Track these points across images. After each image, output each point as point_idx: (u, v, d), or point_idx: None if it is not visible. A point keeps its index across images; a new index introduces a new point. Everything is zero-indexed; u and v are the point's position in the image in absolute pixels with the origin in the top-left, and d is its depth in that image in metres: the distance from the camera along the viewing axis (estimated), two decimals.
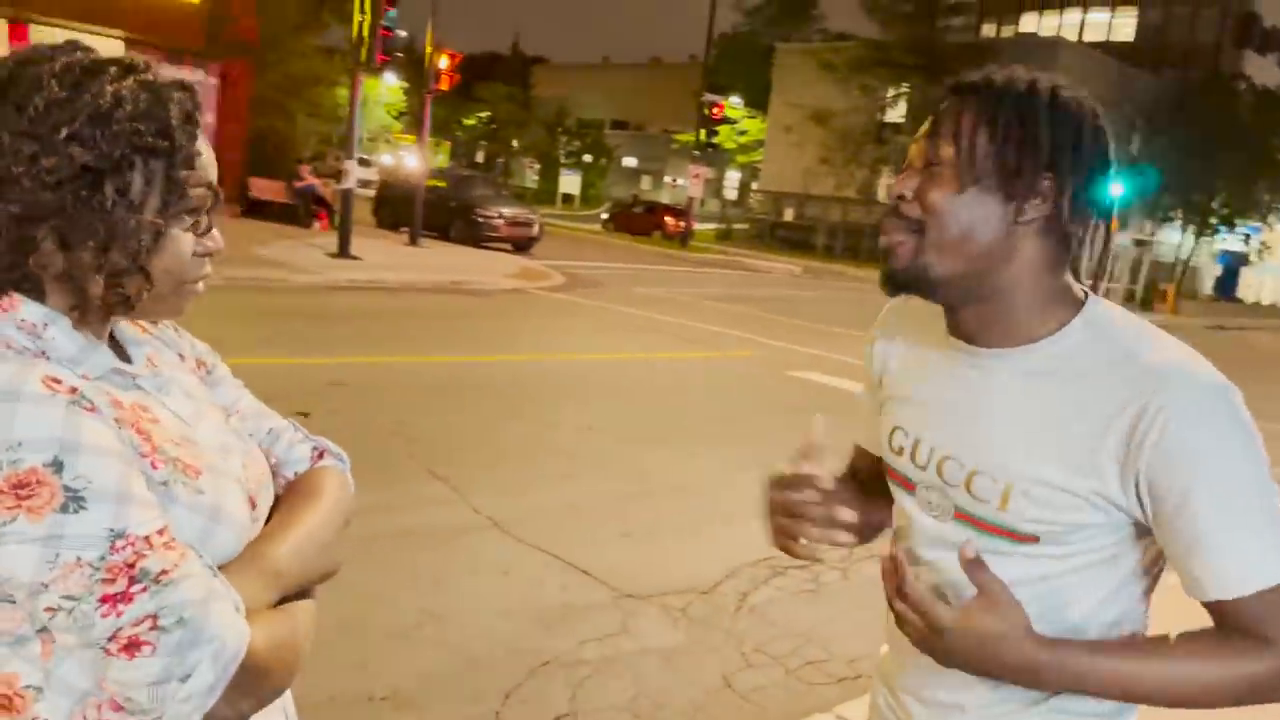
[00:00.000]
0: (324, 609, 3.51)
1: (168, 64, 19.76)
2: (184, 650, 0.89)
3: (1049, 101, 1.17)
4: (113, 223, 0.96)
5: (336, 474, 1.24)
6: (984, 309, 1.22)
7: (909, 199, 1.20)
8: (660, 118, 65.39)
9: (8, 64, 0.97)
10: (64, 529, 0.87)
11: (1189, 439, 1.10)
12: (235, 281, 12.16)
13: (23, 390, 0.89)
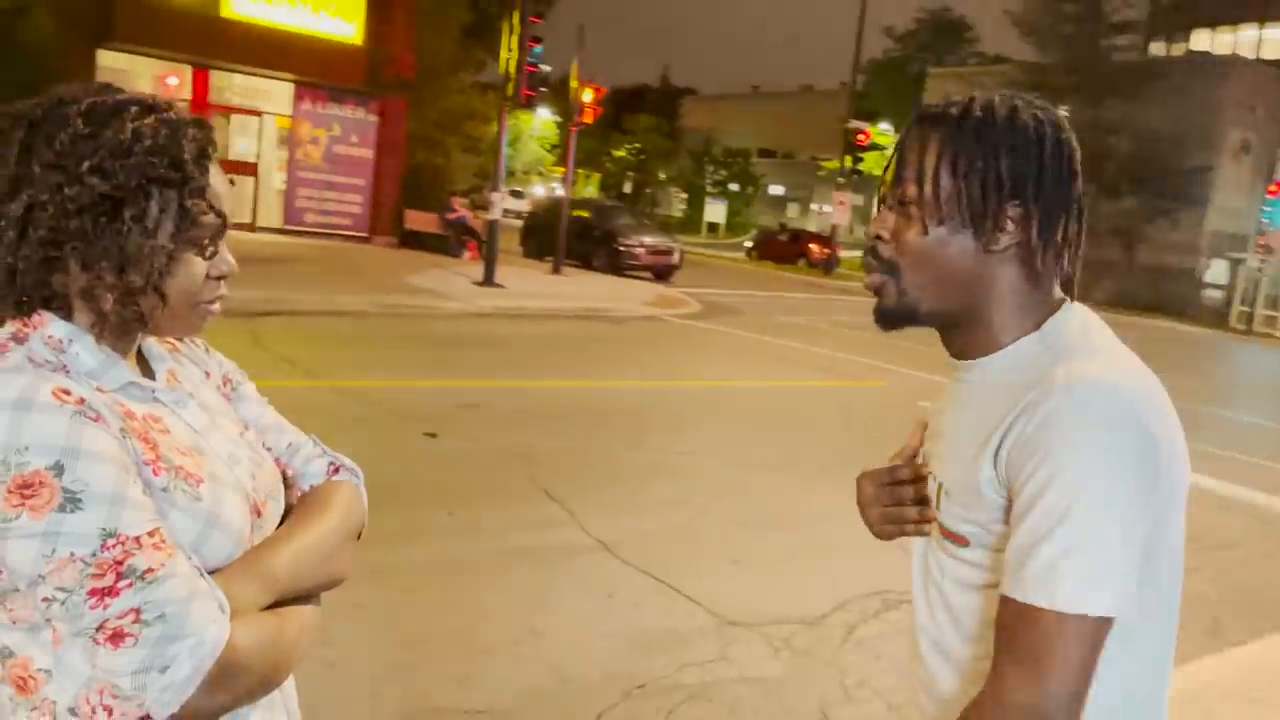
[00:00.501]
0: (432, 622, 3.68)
1: (333, 103, 20.97)
2: (164, 644, 0.97)
3: (1007, 125, 1.19)
4: (129, 246, 1.06)
5: (349, 488, 1.31)
6: (968, 329, 1.27)
7: (886, 239, 1.25)
8: (809, 145, 64.91)
9: (44, 103, 1.08)
10: (61, 527, 0.96)
11: (1051, 436, 1.10)
12: (385, 308, 12.76)
13: (34, 400, 0.98)
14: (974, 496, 1.20)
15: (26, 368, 1.03)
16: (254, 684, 1.07)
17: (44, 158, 1.04)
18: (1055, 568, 1.08)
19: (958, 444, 1.25)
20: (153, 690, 0.98)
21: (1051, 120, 1.21)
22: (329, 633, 3.88)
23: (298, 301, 12.09)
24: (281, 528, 1.21)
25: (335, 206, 21.76)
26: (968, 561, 1.24)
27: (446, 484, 5.85)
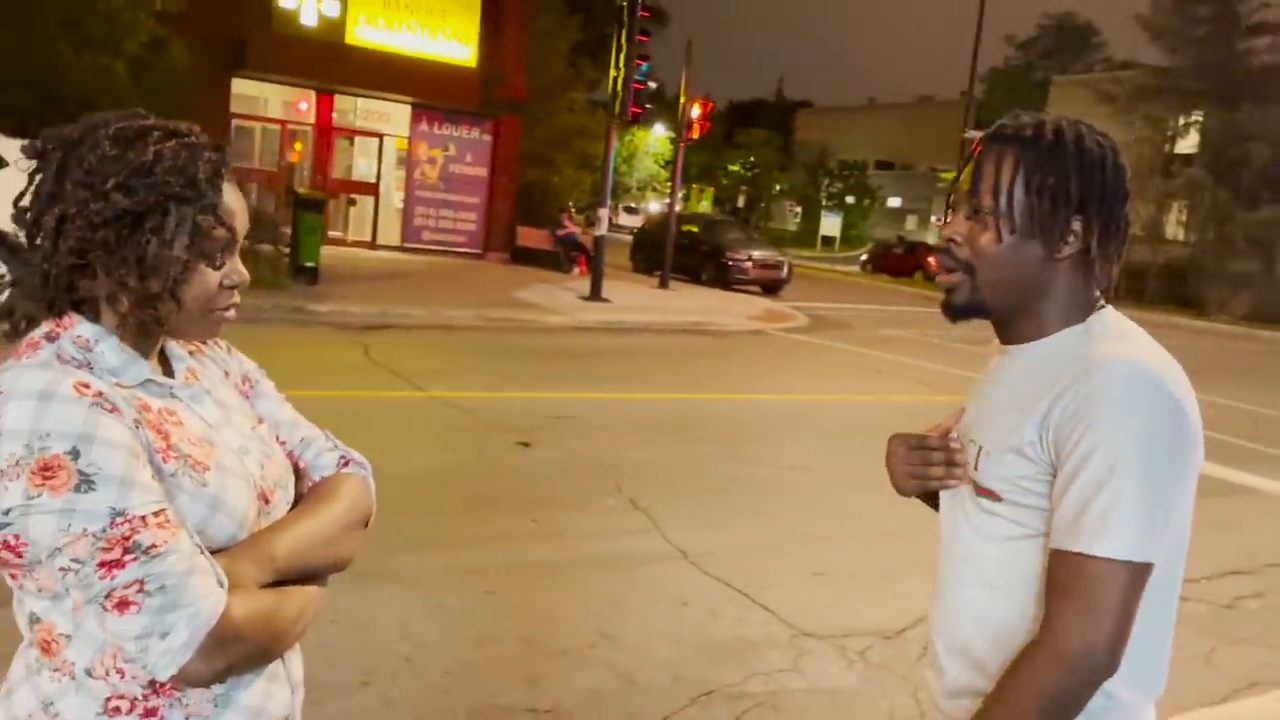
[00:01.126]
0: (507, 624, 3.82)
1: (448, 123, 21.63)
2: (164, 612, 1.09)
3: (1075, 149, 1.35)
4: (148, 257, 1.18)
5: (357, 480, 1.42)
6: (1023, 320, 1.43)
7: (960, 243, 1.42)
8: (927, 156, 63.66)
9: (81, 127, 1.21)
10: (76, 505, 1.07)
11: (1097, 404, 1.26)
12: (491, 322, 13.09)
13: (56, 392, 1.10)
14: (1013, 456, 1.35)
15: (53, 364, 1.15)
16: (250, 654, 1.17)
17: (75, 175, 1.17)
18: (1106, 520, 1.23)
19: (1000, 413, 1.41)
20: (153, 654, 1.09)
21: (1111, 146, 1.38)
22: (407, 628, 4.05)
23: (408, 316, 12.52)
24: (289, 514, 1.32)
25: (450, 224, 22.42)
26: (996, 514, 1.39)
27: (534, 492, 5.99)
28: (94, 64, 14.01)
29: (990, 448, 1.40)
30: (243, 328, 1.56)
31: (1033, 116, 1.40)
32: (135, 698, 1.16)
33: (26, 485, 1.06)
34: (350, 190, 21.62)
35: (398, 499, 5.65)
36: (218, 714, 1.21)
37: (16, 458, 1.07)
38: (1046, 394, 1.32)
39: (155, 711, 1.17)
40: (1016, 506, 1.36)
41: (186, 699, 1.18)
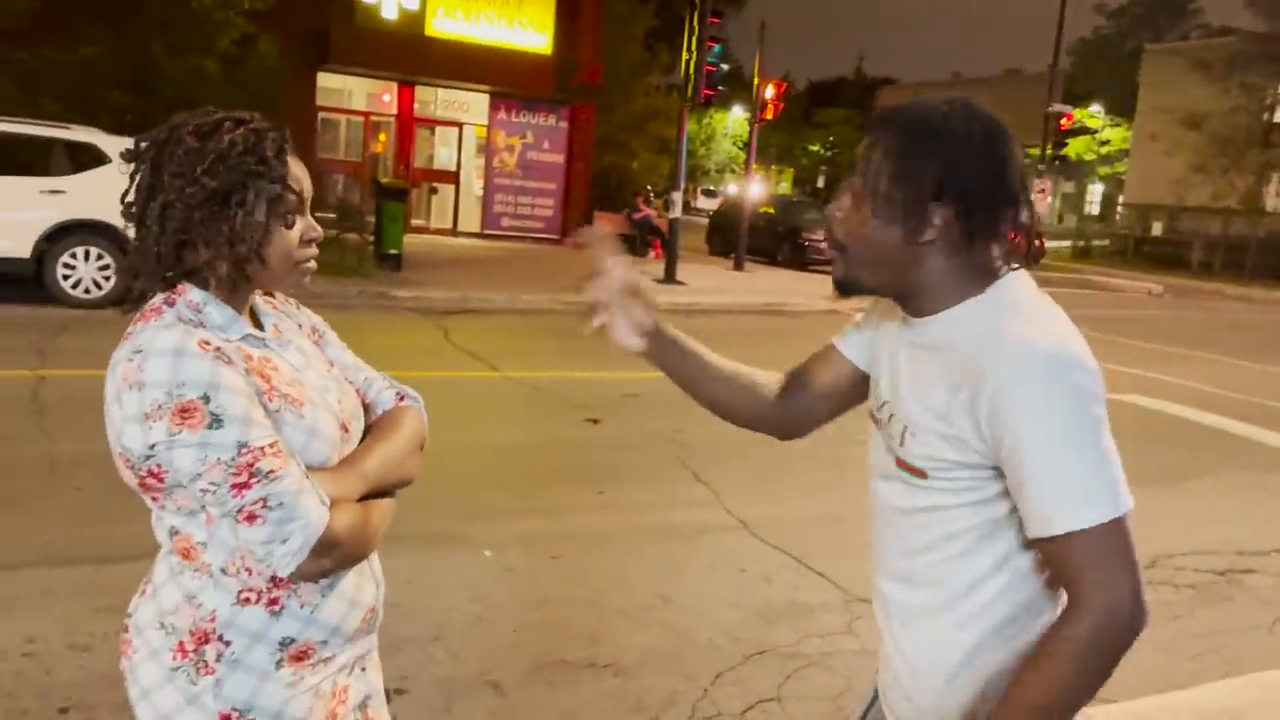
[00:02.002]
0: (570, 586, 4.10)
1: (525, 111, 21.93)
2: (283, 523, 1.35)
3: (939, 135, 1.36)
4: (236, 226, 1.42)
5: (413, 411, 1.68)
6: (912, 298, 1.47)
7: (839, 219, 1.46)
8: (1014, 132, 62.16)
9: (164, 129, 1.45)
10: (210, 439, 1.32)
11: (1013, 396, 1.29)
12: (567, 305, 13.34)
13: (186, 349, 1.34)
14: (942, 441, 1.38)
15: (176, 324, 1.38)
16: (346, 555, 1.45)
17: (169, 169, 1.40)
18: (1072, 497, 1.27)
19: (927, 393, 1.42)
20: (276, 556, 1.36)
21: (982, 128, 1.37)
22: (478, 589, 4.29)
23: (486, 300, 12.86)
24: (365, 441, 1.59)
25: (528, 210, 22.78)
26: (922, 488, 1.44)
27: (601, 465, 6.21)
28: (187, 63, 14.62)
29: (915, 429, 1.42)
30: (331, 313, 1.81)
31: (916, 101, 1.41)
32: (261, 590, 1.43)
33: (169, 424, 1.30)
34: (432, 179, 22.10)
35: (472, 472, 5.94)
36: (323, 602, 1.48)
37: (159, 403, 1.31)
38: (966, 381, 1.34)
39: (277, 600, 1.44)
40: (943, 481, 1.40)
41: (300, 590, 1.45)
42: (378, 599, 1.61)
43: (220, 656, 1.43)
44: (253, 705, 1.44)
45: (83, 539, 4.33)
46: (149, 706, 1.46)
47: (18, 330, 8.63)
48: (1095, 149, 45.26)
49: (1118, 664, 1.30)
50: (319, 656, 1.50)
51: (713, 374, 1.73)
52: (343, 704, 1.57)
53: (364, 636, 1.60)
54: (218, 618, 1.43)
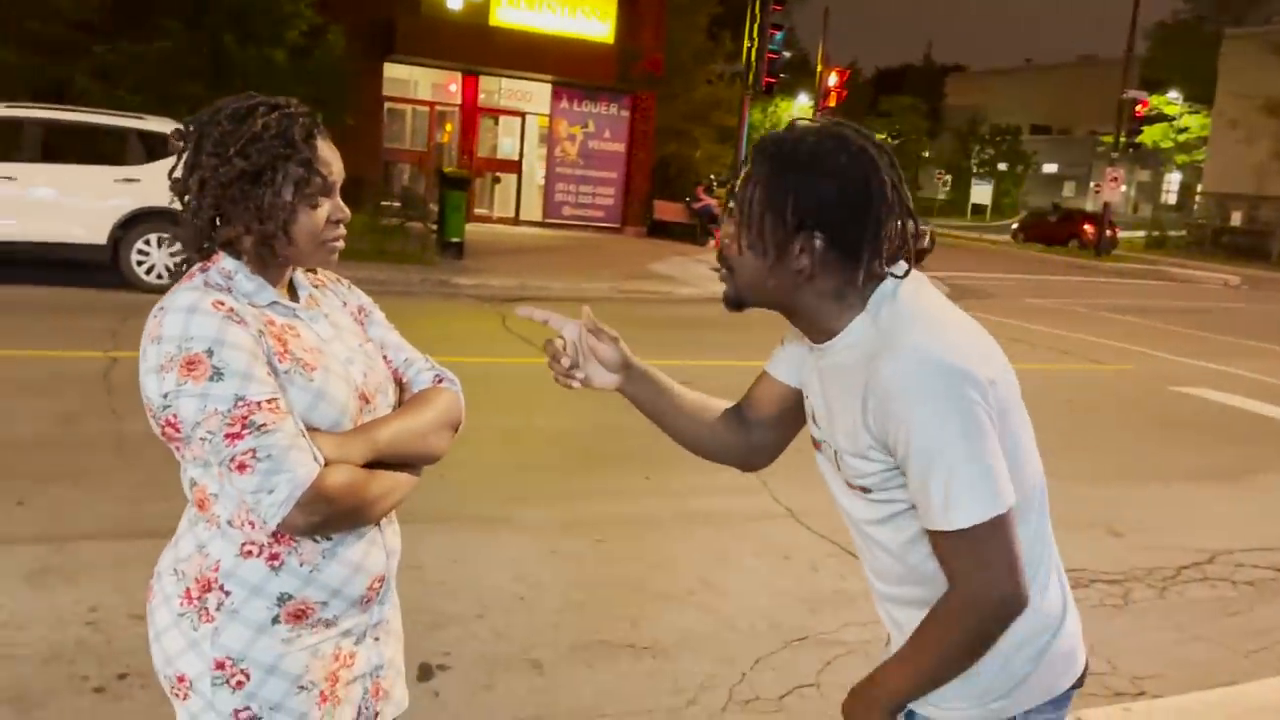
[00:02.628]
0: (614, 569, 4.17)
1: (587, 100, 22.01)
2: (270, 474, 1.42)
3: (803, 165, 1.40)
4: (263, 204, 1.50)
5: (448, 393, 1.73)
6: (799, 321, 1.54)
7: (728, 243, 1.51)
8: (1088, 119, 60.67)
9: (208, 110, 1.54)
10: (210, 391, 1.40)
11: (896, 404, 1.36)
12: (624, 293, 13.42)
13: (199, 307, 1.44)
14: (862, 459, 1.46)
15: (200, 287, 1.49)
16: (339, 514, 1.48)
17: (205, 148, 1.50)
18: (949, 497, 1.35)
19: (838, 417, 1.49)
20: (263, 505, 1.42)
21: (851, 153, 1.41)
22: (522, 570, 4.38)
23: (545, 289, 12.97)
24: (392, 413, 1.65)
25: (590, 199, 22.89)
26: (875, 502, 1.51)
27: (650, 451, 6.22)
28: (258, 54, 14.95)
29: (844, 453, 1.49)
30: (394, 299, 1.88)
31: (793, 131, 1.45)
32: (262, 544, 1.50)
33: (177, 375, 1.40)
34: (495, 168, 22.31)
35: (521, 456, 6.03)
36: (324, 564, 1.53)
37: (170, 355, 1.41)
38: (857, 397, 1.41)
39: (278, 556, 1.50)
40: (887, 491, 1.47)
41: (301, 549, 1.51)
42: (389, 568, 1.65)
43: (220, 605, 1.50)
44: (245, 655, 1.50)
45: (145, 514, 4.50)
46: (159, 649, 1.56)
47: (93, 313, 8.94)
48: (1172, 136, 44.00)
49: (986, 647, 1.42)
50: (318, 617, 1.55)
51: (679, 408, 1.79)
52: (347, 668, 1.61)
53: (375, 606, 1.65)
54: (221, 567, 1.50)
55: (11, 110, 10.38)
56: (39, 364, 7.16)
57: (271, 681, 1.52)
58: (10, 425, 5.67)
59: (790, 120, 1.51)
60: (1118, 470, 6.80)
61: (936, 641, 1.43)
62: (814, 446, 1.62)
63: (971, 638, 1.41)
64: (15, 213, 9.87)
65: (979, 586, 1.37)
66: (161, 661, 1.56)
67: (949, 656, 1.43)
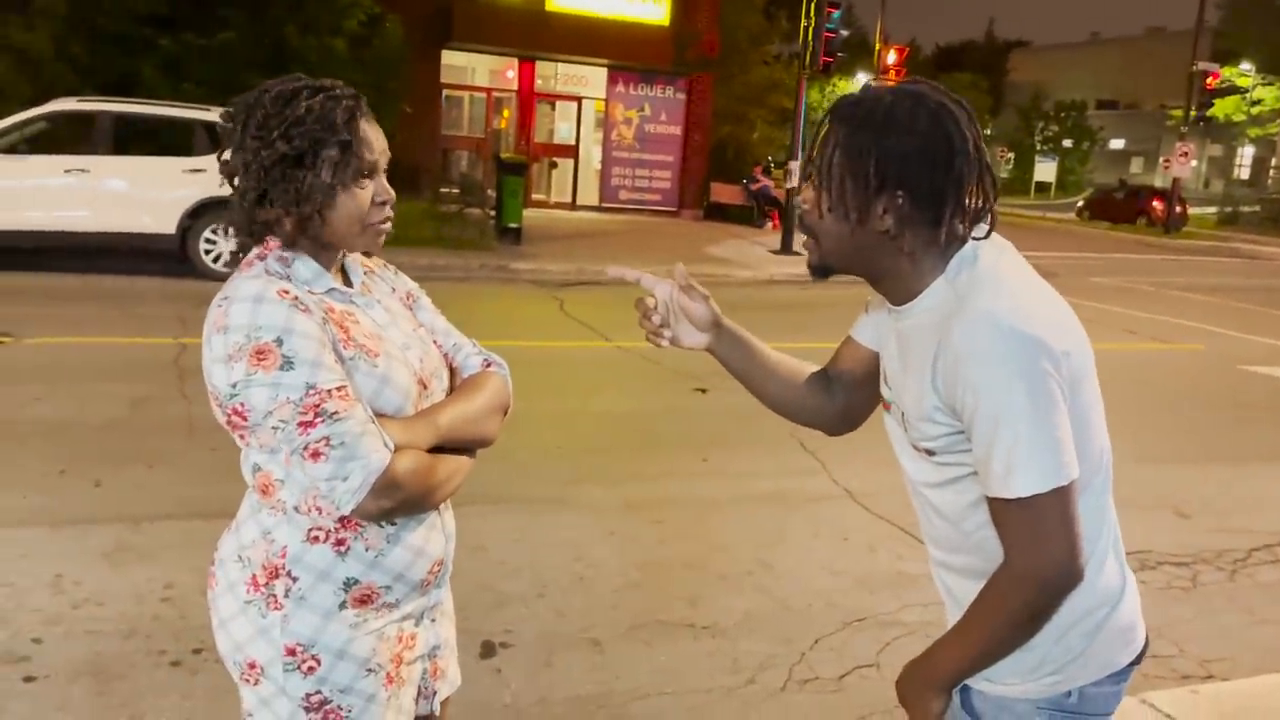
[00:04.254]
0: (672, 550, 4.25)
1: (643, 84, 21.96)
2: (344, 462, 1.43)
3: (883, 130, 1.40)
4: (303, 187, 1.50)
5: (498, 377, 1.74)
6: (882, 284, 1.53)
7: (808, 209, 1.51)
8: (1157, 93, 58.98)
9: (254, 92, 1.53)
10: (282, 380, 1.41)
11: (966, 366, 1.36)
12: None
13: (265, 296, 1.45)
14: (928, 422, 1.46)
15: (263, 275, 1.50)
16: (408, 499, 1.50)
17: (250, 130, 1.50)
18: (1011, 465, 1.34)
19: (908, 380, 1.49)
20: (338, 492, 1.44)
21: (929, 113, 1.40)
22: (582, 550, 4.43)
23: (602, 273, 12.92)
24: (448, 398, 1.66)
25: (646, 183, 22.87)
26: (938, 465, 1.50)
27: (708, 433, 6.27)
28: (318, 44, 15.16)
29: (911, 415, 1.49)
30: (453, 284, 1.91)
31: (868, 92, 1.46)
32: (329, 529, 1.52)
33: (247, 365, 1.41)
34: (551, 154, 22.39)
35: (580, 438, 6.08)
36: (389, 549, 1.56)
37: (239, 345, 1.41)
38: (929, 358, 1.41)
39: (344, 541, 1.52)
40: (952, 455, 1.47)
41: (366, 533, 1.53)
42: (447, 552, 1.67)
43: (288, 592, 1.52)
44: (316, 641, 1.52)
45: (217, 495, 4.60)
46: (226, 635, 1.57)
47: (163, 301, 9.18)
48: (1245, 109, 42.62)
49: (1040, 622, 1.41)
50: (383, 601, 1.57)
51: (769, 371, 1.79)
52: (410, 649, 1.64)
53: (433, 589, 1.67)
54: (288, 553, 1.52)
55: (83, 104, 10.67)
56: (112, 350, 7.38)
57: (341, 666, 1.54)
58: (86, 409, 5.86)
59: (864, 83, 1.51)
60: (1186, 451, 6.66)
61: (991, 615, 1.42)
62: (884, 408, 1.63)
63: (1026, 612, 1.40)
64: (88, 204, 10.16)
65: (1035, 559, 1.36)
66: (230, 647, 1.57)
67: (1003, 631, 1.42)
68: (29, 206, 10.04)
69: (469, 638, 3.50)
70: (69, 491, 4.65)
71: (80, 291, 9.59)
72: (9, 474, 4.79)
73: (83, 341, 7.57)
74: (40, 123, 10.38)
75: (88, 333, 7.85)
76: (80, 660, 3.22)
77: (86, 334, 7.81)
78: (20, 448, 5.17)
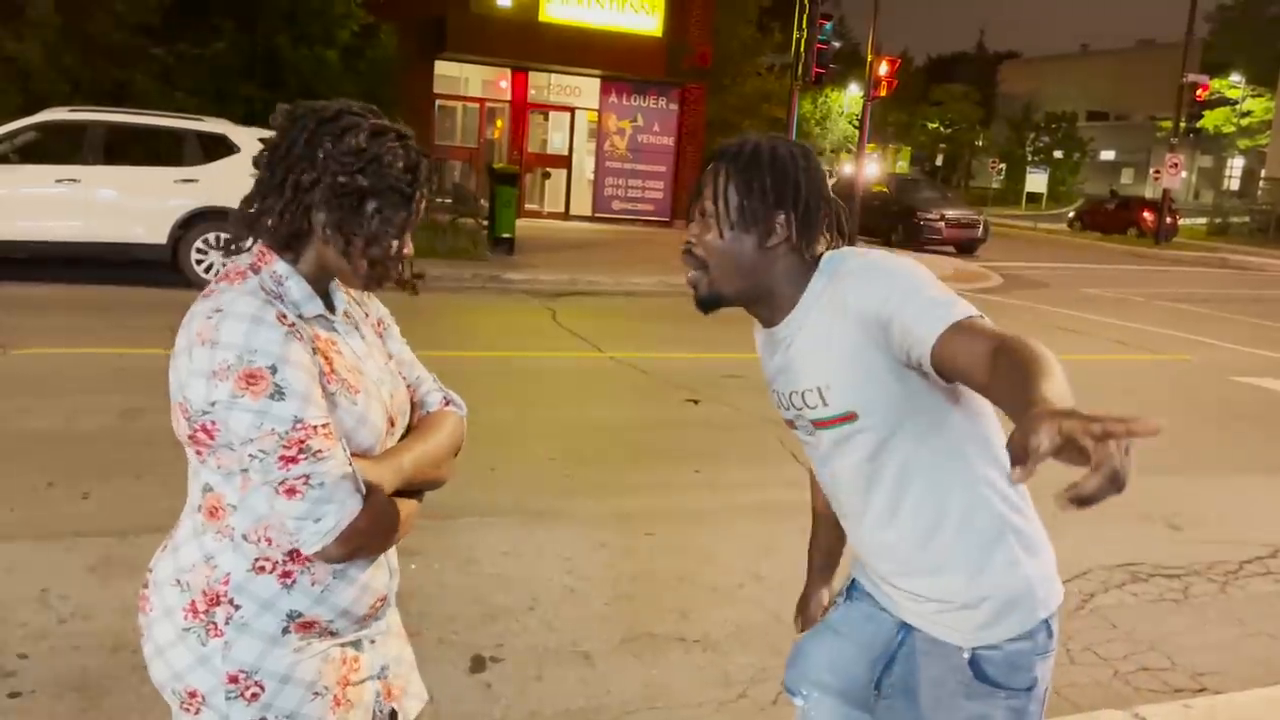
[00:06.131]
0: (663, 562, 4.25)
1: (635, 94, 22.00)
2: (320, 503, 1.39)
3: (769, 159, 1.63)
4: (371, 229, 1.47)
5: (455, 417, 1.71)
6: (767, 302, 1.71)
7: (695, 244, 1.68)
8: (1146, 105, 59.26)
9: (333, 107, 1.48)
10: (269, 409, 1.36)
11: (869, 290, 1.55)
12: (674, 288, 13.38)
13: (264, 319, 1.38)
14: (864, 367, 1.58)
15: (259, 293, 1.43)
16: (370, 545, 1.49)
17: (327, 149, 1.44)
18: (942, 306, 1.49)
19: (824, 351, 1.63)
20: (306, 532, 1.41)
21: (801, 153, 1.67)
22: (572, 562, 4.41)
23: (594, 283, 13.01)
24: (407, 438, 1.62)
25: (639, 193, 22.88)
26: (858, 430, 1.63)
27: (699, 445, 6.26)
28: (310, 54, 15.17)
29: (833, 379, 1.62)
30: (446, 295, 1.91)
31: (741, 138, 1.69)
32: (277, 561, 1.48)
33: (233, 386, 1.35)
34: (544, 164, 22.39)
35: (571, 449, 6.07)
36: (335, 584, 1.52)
37: (228, 364, 1.35)
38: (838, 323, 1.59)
39: (290, 574, 1.49)
40: (870, 416, 1.60)
41: (314, 569, 1.50)
42: (390, 588, 1.64)
43: (229, 619, 1.47)
44: (259, 667, 1.48)
45: None
46: (163, 664, 1.52)
47: (154, 311, 9.14)
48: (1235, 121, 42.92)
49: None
50: (325, 629, 1.54)
51: (831, 535, 2.08)
52: (354, 672, 1.60)
53: (374, 621, 1.63)
54: (231, 581, 1.47)
55: (75, 114, 10.65)
56: (103, 361, 7.36)
57: (286, 690, 1.50)
58: (76, 420, 5.83)
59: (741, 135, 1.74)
60: (1177, 462, 6.66)
61: (1041, 358, 1.33)
62: (793, 429, 1.77)
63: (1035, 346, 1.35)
64: (80, 214, 10.13)
65: (998, 339, 1.39)
66: (168, 676, 1.52)
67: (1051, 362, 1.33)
68: (19, 216, 10.01)
69: (459, 651, 3.48)
70: (56, 504, 4.62)
71: (70, 302, 9.55)
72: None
73: (72, 352, 7.54)
74: (31, 132, 10.35)
75: (77, 343, 7.82)
76: (66, 676, 3.19)
77: (76, 345, 7.78)
78: (8, 459, 5.14)
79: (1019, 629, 1.65)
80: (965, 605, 1.66)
